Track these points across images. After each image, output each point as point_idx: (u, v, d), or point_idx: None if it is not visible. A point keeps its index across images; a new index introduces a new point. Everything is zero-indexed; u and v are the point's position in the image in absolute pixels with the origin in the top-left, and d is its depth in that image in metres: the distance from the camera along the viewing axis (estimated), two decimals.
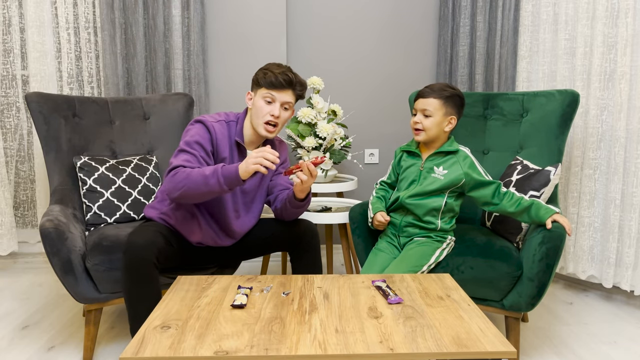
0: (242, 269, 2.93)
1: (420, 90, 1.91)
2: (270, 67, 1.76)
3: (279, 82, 1.72)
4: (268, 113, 1.74)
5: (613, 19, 2.35)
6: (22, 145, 2.89)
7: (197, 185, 1.56)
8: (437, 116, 1.86)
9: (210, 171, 1.55)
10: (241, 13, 2.87)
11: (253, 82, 1.79)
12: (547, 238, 1.74)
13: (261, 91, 1.75)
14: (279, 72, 1.73)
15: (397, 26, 3.02)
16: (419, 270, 1.79)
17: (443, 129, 1.88)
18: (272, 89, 1.74)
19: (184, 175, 1.58)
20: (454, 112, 1.88)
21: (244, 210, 1.88)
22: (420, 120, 1.87)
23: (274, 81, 1.72)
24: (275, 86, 1.73)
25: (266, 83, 1.73)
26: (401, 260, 1.82)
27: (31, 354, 1.97)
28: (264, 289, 1.50)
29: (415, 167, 1.94)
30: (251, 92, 1.81)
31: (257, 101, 1.75)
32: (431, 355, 1.14)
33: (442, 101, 1.85)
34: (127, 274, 1.58)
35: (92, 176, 2.13)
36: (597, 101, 2.40)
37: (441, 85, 1.88)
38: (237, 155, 1.80)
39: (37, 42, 2.66)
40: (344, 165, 3.11)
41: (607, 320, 2.30)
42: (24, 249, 2.96)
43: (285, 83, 1.73)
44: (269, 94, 1.74)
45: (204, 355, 1.12)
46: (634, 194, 2.31)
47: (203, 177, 1.55)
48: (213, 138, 1.74)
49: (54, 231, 1.77)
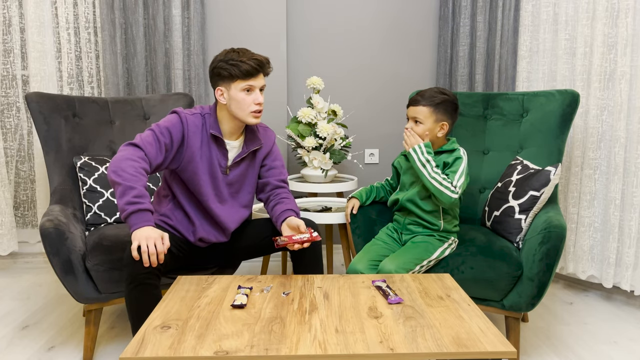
0: (242, 269, 2.93)
1: (412, 97, 1.92)
2: (235, 57, 1.69)
3: (255, 69, 1.69)
4: (252, 102, 1.72)
5: (613, 19, 2.35)
6: (22, 145, 2.89)
7: (113, 183, 1.57)
8: (427, 123, 1.87)
9: (127, 198, 1.54)
10: (241, 13, 2.87)
11: (219, 77, 1.72)
12: (547, 238, 1.75)
13: (237, 83, 1.70)
14: (248, 59, 1.69)
15: (397, 26, 3.02)
16: (418, 264, 1.79)
17: (435, 134, 1.90)
18: (249, 78, 1.70)
19: (129, 169, 1.57)
20: (446, 118, 1.89)
21: (231, 202, 1.86)
22: (411, 127, 1.90)
23: (250, 70, 1.68)
24: (251, 74, 1.69)
25: (242, 74, 1.68)
26: (402, 253, 1.83)
27: (31, 354, 1.96)
28: (264, 289, 1.50)
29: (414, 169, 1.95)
30: (221, 87, 1.73)
31: (236, 94, 1.71)
32: (431, 355, 1.14)
33: (432, 108, 1.86)
34: (129, 286, 1.57)
35: (92, 176, 2.13)
36: (597, 101, 2.40)
37: (432, 92, 1.88)
38: (214, 146, 1.77)
39: (37, 42, 2.66)
40: (344, 165, 3.11)
41: (607, 320, 2.30)
42: (24, 249, 2.96)
43: (259, 67, 1.71)
44: (247, 84, 1.70)
45: (204, 355, 1.12)
46: (634, 194, 2.31)
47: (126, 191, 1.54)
48: (185, 129, 1.72)
49: (54, 231, 1.77)
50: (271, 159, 1.92)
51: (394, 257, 1.80)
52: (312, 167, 2.57)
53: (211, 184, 1.79)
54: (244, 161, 1.85)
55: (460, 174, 1.81)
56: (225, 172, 1.82)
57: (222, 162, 1.80)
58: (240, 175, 1.86)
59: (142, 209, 1.54)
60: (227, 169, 1.81)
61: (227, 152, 1.80)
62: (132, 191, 1.54)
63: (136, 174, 1.58)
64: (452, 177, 1.81)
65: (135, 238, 1.51)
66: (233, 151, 1.82)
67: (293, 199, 1.88)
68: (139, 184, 1.56)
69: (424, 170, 1.81)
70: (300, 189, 2.55)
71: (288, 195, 1.89)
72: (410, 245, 1.88)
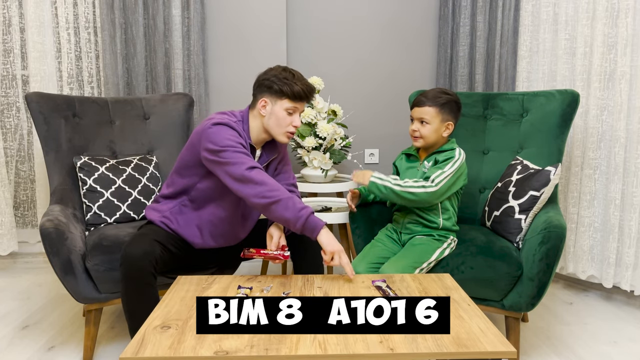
0: (242, 269, 2.93)
1: (416, 98, 1.93)
2: (289, 77, 1.70)
3: (305, 94, 1.71)
4: (291, 124, 1.72)
5: (613, 19, 2.35)
6: (22, 145, 2.89)
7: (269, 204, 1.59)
8: (434, 123, 1.88)
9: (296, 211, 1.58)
10: (241, 13, 2.87)
11: (269, 89, 1.71)
12: (547, 238, 1.75)
13: (284, 102, 1.70)
14: (301, 84, 1.70)
15: (397, 26, 3.02)
16: (418, 267, 1.80)
17: (441, 134, 1.91)
18: (297, 101, 1.71)
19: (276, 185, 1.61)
20: (451, 118, 1.91)
21: (247, 210, 1.87)
22: (417, 128, 1.91)
23: (301, 94, 1.70)
24: (301, 98, 1.71)
25: (292, 95, 1.69)
26: (401, 257, 1.83)
27: (31, 354, 1.97)
28: (264, 289, 1.50)
29: (414, 169, 1.98)
30: (267, 99, 1.72)
31: (278, 111, 1.71)
32: (431, 355, 1.14)
33: (438, 109, 1.88)
34: (125, 285, 1.57)
35: (92, 176, 2.13)
36: (597, 101, 2.40)
37: (435, 92, 1.89)
38: None
39: (37, 42, 2.66)
40: (344, 165, 3.11)
41: (607, 320, 2.30)
42: (24, 249, 2.96)
43: (308, 95, 1.72)
44: (294, 106, 1.71)
45: (204, 355, 1.12)
46: (634, 194, 2.31)
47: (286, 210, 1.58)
48: (241, 137, 1.71)
49: (54, 231, 1.77)
50: (282, 163, 1.93)
51: (394, 262, 1.80)
52: (312, 167, 2.57)
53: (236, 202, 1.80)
54: None
55: (442, 172, 1.82)
56: None
57: None
58: None
59: (311, 212, 1.59)
60: None
61: None
62: (290, 200, 1.59)
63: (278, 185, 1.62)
64: (432, 172, 1.83)
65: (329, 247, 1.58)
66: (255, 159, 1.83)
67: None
68: (286, 192, 1.61)
69: (392, 193, 1.81)
70: (300, 189, 2.55)
71: None
72: (409, 247, 1.88)
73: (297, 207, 1.58)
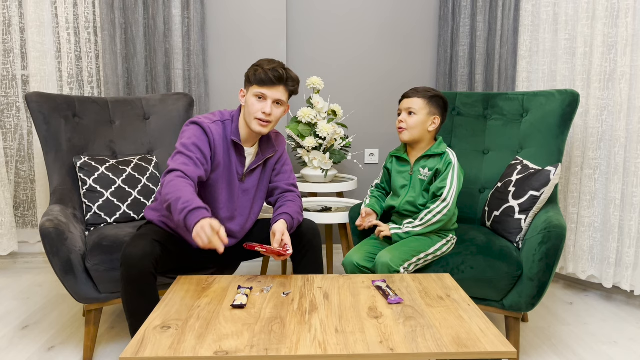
0: (242, 269, 2.93)
1: (405, 92, 1.95)
2: (261, 63, 1.72)
3: (269, 78, 1.69)
4: (259, 110, 1.71)
5: (613, 19, 2.35)
6: (22, 145, 2.89)
7: (169, 205, 1.56)
8: (421, 115, 1.89)
9: (180, 206, 1.52)
10: (241, 13, 2.87)
11: (245, 79, 1.77)
12: (547, 238, 1.75)
13: (252, 88, 1.72)
14: (269, 68, 1.69)
15: (397, 26, 3.02)
16: (415, 256, 1.80)
17: (427, 128, 1.91)
18: (263, 86, 1.70)
19: (173, 188, 1.56)
20: (438, 113, 1.92)
21: (244, 211, 1.87)
22: (404, 119, 1.91)
23: (264, 78, 1.69)
24: (265, 83, 1.69)
25: (257, 80, 1.70)
26: (400, 245, 1.83)
27: (31, 354, 1.97)
28: (264, 289, 1.50)
29: (405, 173, 1.98)
30: (244, 89, 1.77)
31: (249, 98, 1.73)
32: (431, 355, 1.14)
33: (425, 100, 1.90)
34: (125, 286, 1.57)
35: (92, 176, 2.13)
36: (597, 101, 2.40)
37: (425, 87, 1.94)
38: (234, 155, 1.78)
39: (37, 42, 2.66)
40: (344, 165, 3.11)
41: (607, 320, 2.30)
42: (24, 249, 2.96)
43: (276, 80, 1.69)
44: (260, 91, 1.71)
45: (204, 355, 1.12)
46: (634, 194, 2.31)
47: (175, 204, 1.53)
48: (210, 140, 1.72)
49: (54, 231, 1.77)
50: (281, 164, 1.93)
51: (392, 249, 1.80)
52: (312, 167, 2.57)
53: (227, 191, 1.80)
54: (258, 168, 1.85)
55: (451, 183, 1.85)
56: (242, 179, 1.82)
57: (239, 169, 1.80)
58: (254, 182, 1.86)
59: (192, 209, 1.50)
60: (243, 176, 1.82)
61: (245, 159, 1.80)
62: (178, 200, 1.52)
63: (179, 185, 1.56)
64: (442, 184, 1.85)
65: (194, 237, 1.47)
66: (249, 158, 1.83)
67: (298, 203, 1.88)
68: (182, 192, 1.54)
69: (418, 234, 1.86)
70: (300, 189, 2.55)
71: (293, 198, 1.88)
72: (407, 239, 1.88)
73: (178, 207, 1.52)
